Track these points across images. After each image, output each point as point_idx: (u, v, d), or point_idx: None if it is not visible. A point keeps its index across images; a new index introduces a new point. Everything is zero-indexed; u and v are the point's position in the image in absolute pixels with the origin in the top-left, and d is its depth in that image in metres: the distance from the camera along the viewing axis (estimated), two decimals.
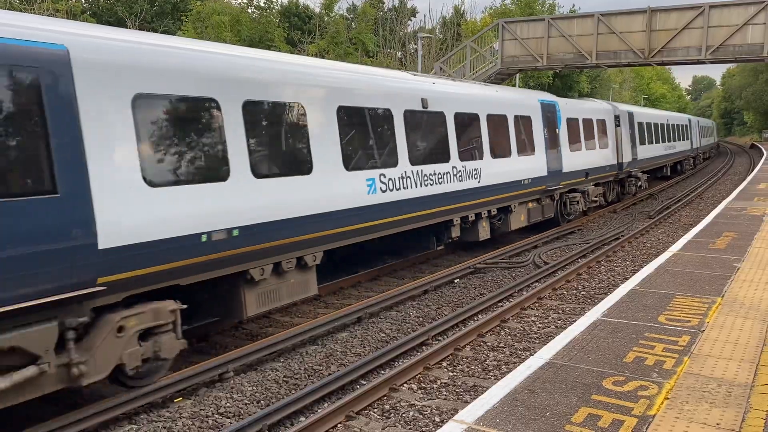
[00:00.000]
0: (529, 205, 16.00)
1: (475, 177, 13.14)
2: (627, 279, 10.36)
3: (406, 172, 10.94)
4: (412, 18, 52.94)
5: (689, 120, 41.86)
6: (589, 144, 19.66)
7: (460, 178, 12.61)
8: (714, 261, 9.90)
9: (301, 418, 6.55)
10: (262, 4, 39.34)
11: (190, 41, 8.48)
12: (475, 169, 13.13)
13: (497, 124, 14.24)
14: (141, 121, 6.73)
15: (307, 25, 43.73)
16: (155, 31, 33.52)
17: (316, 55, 32.42)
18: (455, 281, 12.40)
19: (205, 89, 7.46)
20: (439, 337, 9.06)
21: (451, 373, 7.73)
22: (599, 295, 10.96)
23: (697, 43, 20.13)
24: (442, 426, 4.72)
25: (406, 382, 7.42)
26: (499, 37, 22.96)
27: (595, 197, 20.37)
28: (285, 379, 7.67)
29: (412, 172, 11.13)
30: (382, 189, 10.31)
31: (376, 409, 6.77)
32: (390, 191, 10.52)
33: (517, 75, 30.17)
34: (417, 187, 11.24)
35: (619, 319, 7.03)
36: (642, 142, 25.78)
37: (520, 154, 15.11)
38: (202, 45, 8.15)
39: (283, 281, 8.77)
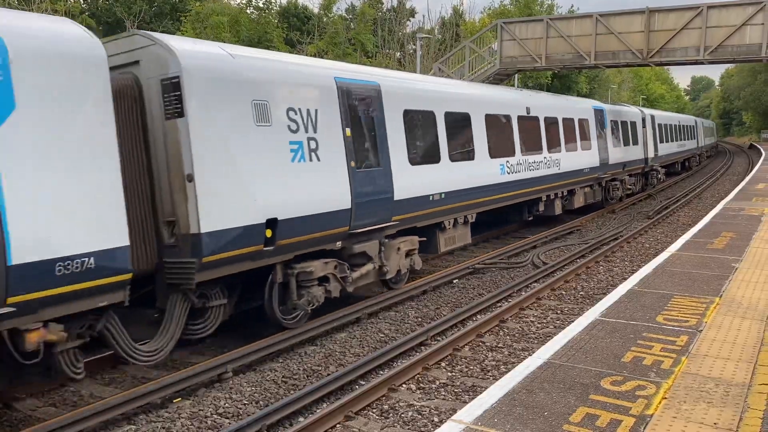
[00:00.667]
0: (586, 189, 20.18)
1: (557, 165, 17.49)
2: (625, 279, 10.37)
3: (519, 161, 15.32)
4: (410, 18, 52.98)
5: (695, 121, 46.68)
6: (626, 141, 23.86)
7: (548, 166, 16.94)
8: (712, 261, 9.91)
9: (300, 419, 6.56)
10: (261, 5, 39.38)
11: (424, 78, 14.81)
12: (556, 159, 17.50)
13: (568, 124, 18.66)
14: (407, 125, 11.14)
15: (306, 25, 43.73)
16: (154, 31, 33.46)
17: (315, 56, 32.40)
18: (454, 282, 12.41)
19: (429, 105, 11.96)
20: (438, 338, 9.07)
21: (449, 374, 7.74)
22: (598, 296, 10.98)
23: (695, 43, 20.15)
24: (440, 426, 4.73)
25: (404, 383, 7.42)
26: (498, 37, 22.96)
27: (629, 185, 24.57)
28: (284, 379, 7.67)
29: (523, 160, 15.54)
30: (507, 171, 14.74)
31: (374, 410, 6.77)
32: (511, 174, 14.93)
33: (516, 75, 30.20)
34: (524, 171, 15.61)
35: (617, 319, 7.04)
36: (661, 141, 30.35)
37: (582, 149, 19.48)
38: (428, 79, 14.56)
39: (456, 231, 13.03)
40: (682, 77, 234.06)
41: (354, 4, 49.24)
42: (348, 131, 9.70)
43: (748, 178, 27.03)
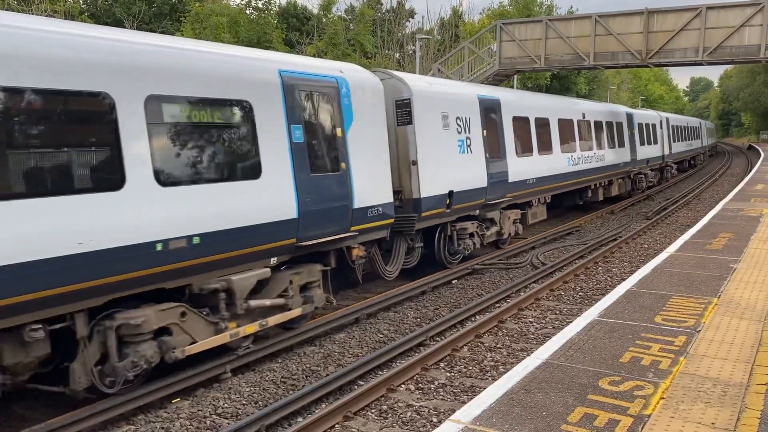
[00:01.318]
0: (619, 181, 24.06)
1: (602, 160, 21.44)
2: (624, 280, 10.38)
3: (578, 155, 19.31)
4: (410, 19, 52.96)
5: (700, 123, 51.76)
6: (648, 141, 28.08)
7: (596, 160, 20.90)
8: (711, 262, 9.93)
9: (299, 419, 6.57)
10: (260, 6, 39.39)
11: (523, 93, 19.71)
12: (602, 155, 21.45)
13: (609, 126, 22.67)
14: (514, 127, 14.96)
15: (305, 26, 43.73)
16: (153, 31, 33.50)
17: (314, 56, 32.43)
18: (453, 282, 12.42)
19: (526, 113, 16.01)
20: (437, 338, 9.08)
21: (448, 374, 7.75)
22: (596, 296, 10.99)
23: (694, 44, 20.17)
24: (439, 426, 4.74)
25: (403, 383, 7.43)
26: (497, 38, 22.99)
27: (651, 179, 28.50)
28: (283, 379, 7.68)
29: (581, 155, 19.48)
30: (571, 164, 18.64)
31: (373, 410, 6.78)
32: (574, 165, 18.85)
33: (515, 76, 30.22)
34: (582, 164, 19.50)
35: (615, 319, 7.05)
36: (674, 141, 35.00)
37: (618, 147, 23.43)
38: (525, 94, 18.78)
39: (538, 209, 16.73)
40: (681, 78, 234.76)
41: (353, 5, 49.28)
42: (484, 132, 13.70)
43: (746, 179, 27.05)
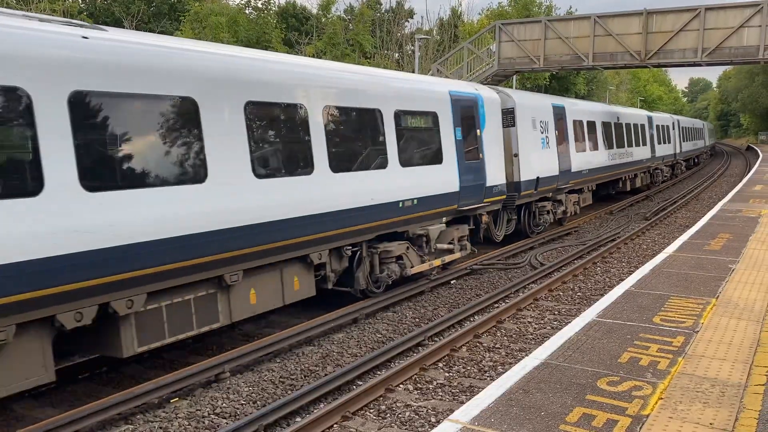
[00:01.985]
0: (641, 175, 28.16)
1: (631, 156, 25.54)
2: (622, 280, 10.38)
3: (615, 152, 23.20)
4: (409, 19, 52.95)
5: (703, 124, 57.20)
6: (664, 140, 32.59)
7: (627, 156, 24.89)
8: (709, 262, 9.93)
9: (297, 419, 6.57)
10: (260, 5, 39.36)
11: (576, 100, 25.02)
12: (631, 152, 25.45)
13: (635, 128, 26.65)
14: (573, 128, 18.93)
15: (304, 26, 43.71)
16: (152, 31, 33.46)
17: (313, 56, 32.42)
18: (452, 282, 12.42)
19: (581, 117, 19.83)
20: (436, 338, 9.08)
21: (447, 374, 7.75)
22: (595, 296, 11.00)
23: (693, 45, 20.18)
24: (437, 426, 4.73)
25: (402, 383, 7.43)
26: (496, 38, 22.99)
27: (665, 174, 33.10)
28: (281, 379, 7.68)
29: (617, 151, 23.47)
30: (610, 158, 22.53)
31: (372, 410, 6.78)
32: (612, 160, 22.76)
33: (514, 76, 30.22)
34: (617, 159, 23.51)
35: (614, 319, 7.05)
36: (684, 140, 39.56)
37: (642, 145, 27.65)
38: (578, 101, 23.17)
39: (586, 195, 20.69)
40: (680, 79, 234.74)
41: (352, 5, 49.25)
42: (556, 132, 17.45)
43: (745, 180, 27.07)
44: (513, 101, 15.10)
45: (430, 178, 11.20)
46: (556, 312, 10.37)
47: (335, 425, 6.41)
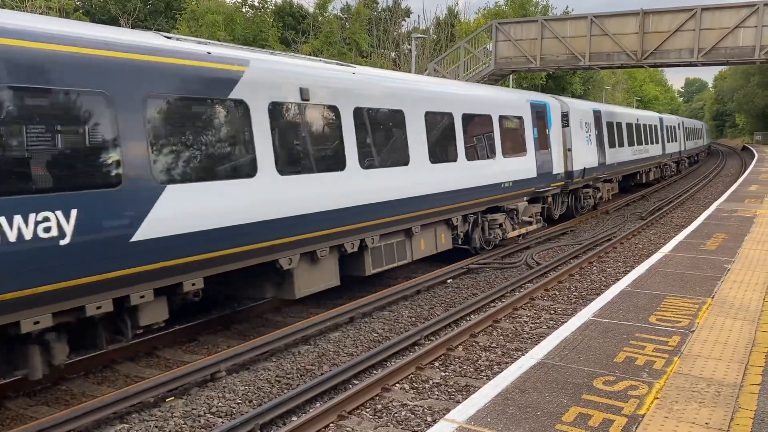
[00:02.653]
0: (653, 169, 31.71)
1: (647, 152, 29.25)
2: (618, 280, 10.40)
3: (636, 149, 27.05)
4: (406, 18, 52.94)
5: (702, 125, 63.21)
6: (672, 139, 37.04)
7: (644, 152, 28.63)
8: (705, 262, 9.96)
9: (293, 418, 6.56)
10: (257, 4, 39.30)
11: (612, 106, 29.92)
12: (647, 148, 29.46)
13: (650, 128, 30.79)
14: (606, 129, 22.36)
15: (301, 24, 43.67)
16: (148, 29, 33.34)
17: (310, 55, 32.37)
18: (448, 281, 12.42)
19: (617, 119, 24.25)
20: (432, 337, 9.07)
21: (443, 373, 7.75)
22: (591, 296, 11.01)
23: (689, 45, 20.24)
24: (433, 425, 4.73)
25: (398, 382, 7.43)
26: (493, 38, 23.01)
27: (672, 169, 37.17)
28: (277, 378, 7.67)
29: (637, 148, 27.15)
30: (632, 154, 26.18)
31: (368, 409, 6.77)
32: (633, 155, 26.40)
33: (511, 76, 30.25)
34: (637, 155, 27.11)
35: (610, 319, 7.06)
36: (687, 139, 44.21)
37: (655, 143, 31.60)
38: (615, 107, 28.71)
39: (614, 184, 23.88)
40: (676, 79, 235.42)
41: (349, 4, 49.19)
42: (596, 131, 20.70)
43: (740, 180, 27.14)
44: (567, 106, 18.39)
45: (519, 166, 15.05)
46: (553, 311, 10.38)
47: (331, 424, 6.40)
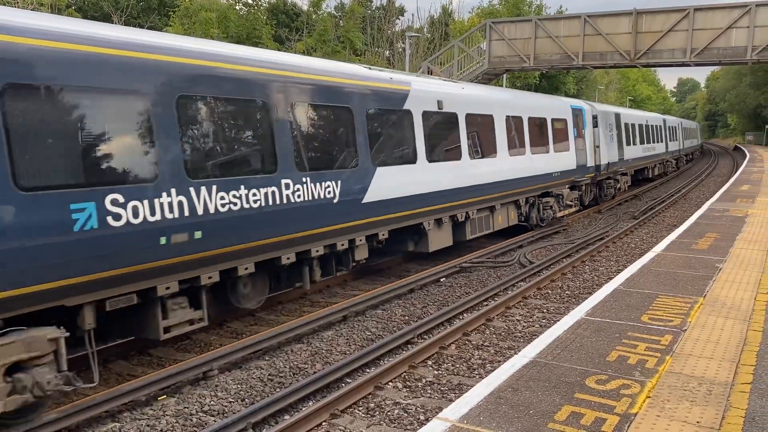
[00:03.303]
0: (658, 165, 34.97)
1: (654, 150, 32.88)
2: (611, 279, 10.44)
3: (646, 146, 30.51)
4: (400, 17, 52.93)
5: (696, 125, 69.38)
6: (673, 138, 40.92)
7: (651, 150, 32.22)
8: (696, 261, 10.00)
9: (286, 417, 6.54)
10: (250, 1, 39.19)
11: (620, 108, 32.00)
12: (654, 146, 33.06)
13: (656, 128, 34.29)
14: (624, 129, 25.78)
15: (294, 22, 43.58)
16: (141, 26, 33.20)
17: (303, 53, 32.31)
18: (441, 280, 12.43)
19: (631, 120, 27.89)
20: (425, 336, 9.07)
21: (436, 372, 7.75)
22: (583, 295, 11.05)
23: (682, 45, 20.33)
24: (426, 424, 4.73)
25: (391, 381, 7.43)
26: (487, 37, 23.04)
27: (673, 166, 41.02)
28: (270, 377, 7.65)
29: (646, 146, 30.80)
30: (643, 152, 30.09)
31: (360, 408, 6.77)
32: (644, 152, 30.18)
33: (504, 75, 30.29)
34: (647, 152, 30.72)
35: (602, 318, 7.08)
36: (685, 139, 48.69)
37: (660, 142, 35.02)
38: (628, 111, 30.98)
39: (627, 178, 27.19)
40: (669, 79, 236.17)
41: (343, 2, 49.15)
42: (616, 131, 23.10)
43: (732, 180, 27.29)
44: (596, 110, 21.63)
45: (563, 159, 18.33)
46: (545, 310, 10.41)
47: (324, 423, 6.39)
